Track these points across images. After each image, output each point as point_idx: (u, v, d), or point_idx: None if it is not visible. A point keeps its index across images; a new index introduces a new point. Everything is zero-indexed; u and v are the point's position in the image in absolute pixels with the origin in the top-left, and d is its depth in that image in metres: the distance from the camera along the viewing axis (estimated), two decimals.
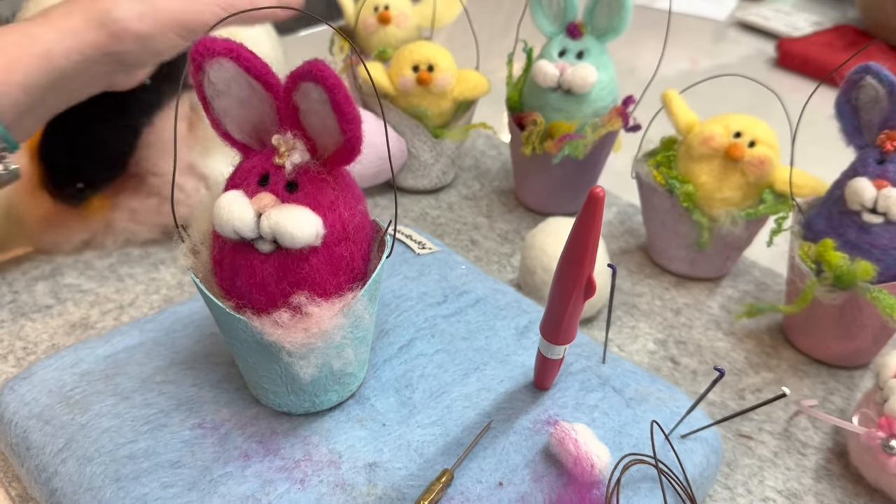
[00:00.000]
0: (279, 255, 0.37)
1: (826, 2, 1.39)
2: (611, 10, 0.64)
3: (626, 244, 0.70)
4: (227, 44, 0.35)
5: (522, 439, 0.43)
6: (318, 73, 0.34)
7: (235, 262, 0.38)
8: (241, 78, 0.36)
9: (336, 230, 0.37)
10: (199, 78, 0.36)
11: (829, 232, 0.55)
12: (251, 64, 0.36)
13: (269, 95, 0.37)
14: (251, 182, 0.37)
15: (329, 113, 0.35)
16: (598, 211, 0.35)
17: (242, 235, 0.36)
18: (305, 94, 0.35)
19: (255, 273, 0.37)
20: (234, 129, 0.39)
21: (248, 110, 0.38)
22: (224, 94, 0.37)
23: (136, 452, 0.40)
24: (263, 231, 0.36)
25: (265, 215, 0.36)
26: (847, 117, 0.55)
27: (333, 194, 0.38)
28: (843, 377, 0.58)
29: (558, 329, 0.41)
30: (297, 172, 0.37)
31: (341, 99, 0.34)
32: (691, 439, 0.45)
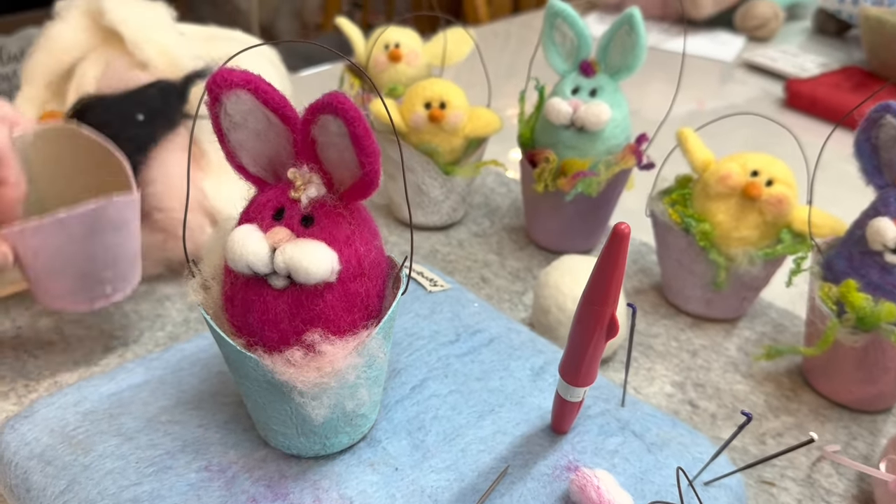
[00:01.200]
0: (293, 292, 0.36)
1: (832, 43, 1.39)
2: (624, 48, 0.64)
3: (640, 284, 0.69)
4: (246, 75, 0.35)
5: (541, 486, 0.41)
6: (338, 106, 0.33)
7: (248, 298, 0.37)
8: (258, 111, 0.36)
9: (352, 266, 0.36)
10: (215, 110, 0.36)
11: (850, 272, 0.54)
12: (269, 97, 0.35)
13: (286, 128, 0.36)
14: (266, 216, 0.36)
15: (347, 146, 0.34)
16: (624, 247, 0.34)
17: (256, 270, 0.35)
18: (324, 126, 0.34)
19: (267, 309, 0.36)
20: (248, 162, 0.38)
21: (263, 143, 0.37)
22: (240, 126, 0.36)
23: (140, 496, 0.39)
24: (278, 266, 0.35)
25: (280, 250, 0.35)
26: (867, 156, 0.54)
27: (350, 229, 0.37)
28: (865, 422, 0.56)
29: (579, 370, 0.40)
30: (312, 206, 0.36)
31: (361, 132, 0.33)
32: (715, 486, 0.43)
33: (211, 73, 0.36)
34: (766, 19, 1.38)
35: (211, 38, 0.80)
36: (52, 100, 0.74)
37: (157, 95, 0.62)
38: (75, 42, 0.73)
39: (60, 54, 0.73)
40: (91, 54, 0.73)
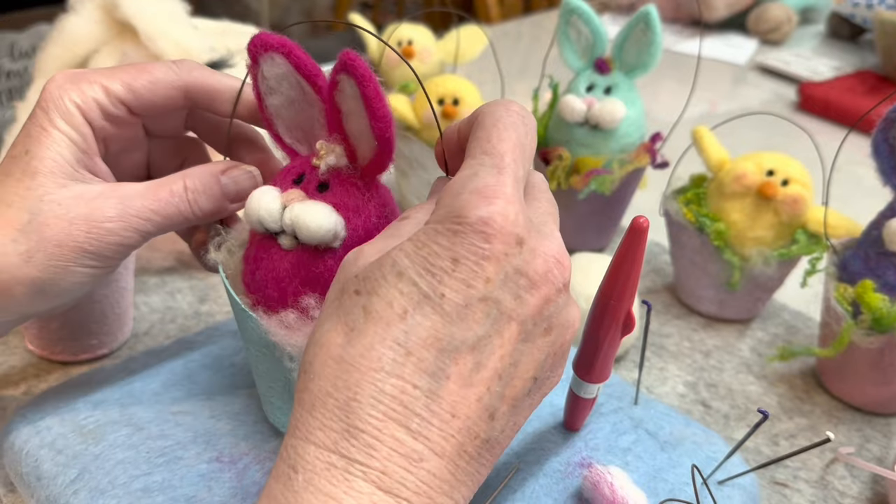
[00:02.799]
0: (298, 252, 0.36)
1: (846, 47, 1.39)
2: (640, 46, 0.63)
3: (653, 283, 0.69)
4: (282, 40, 0.36)
5: (553, 482, 0.41)
6: (349, 63, 0.33)
7: (258, 255, 0.38)
8: (291, 76, 0.37)
9: (358, 235, 0.37)
10: (255, 72, 0.37)
11: (866, 273, 0.53)
12: (301, 62, 0.36)
13: (318, 98, 0.37)
14: (287, 181, 0.38)
15: (362, 111, 0.34)
16: (641, 242, 0.34)
17: (266, 226, 0.36)
18: (343, 91, 0.35)
19: (273, 266, 0.37)
20: (283, 131, 0.39)
21: (297, 112, 0.38)
22: (275, 91, 0.37)
23: (150, 485, 0.39)
24: (285, 223, 0.36)
25: (289, 208, 0.36)
26: (884, 157, 0.54)
27: (361, 200, 0.37)
28: (879, 424, 0.56)
29: (593, 367, 0.39)
30: (329, 174, 0.37)
31: (371, 92, 0.33)
32: (728, 485, 0.43)
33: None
34: (779, 22, 1.38)
35: (224, 32, 0.80)
36: None
37: None
38: (89, 35, 0.73)
39: (74, 47, 0.73)
40: (105, 47, 0.73)
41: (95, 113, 0.38)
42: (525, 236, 0.30)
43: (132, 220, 0.37)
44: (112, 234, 0.37)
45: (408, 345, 0.28)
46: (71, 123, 0.38)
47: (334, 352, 0.29)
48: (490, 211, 0.29)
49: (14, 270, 0.36)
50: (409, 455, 0.28)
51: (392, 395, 0.28)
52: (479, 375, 0.29)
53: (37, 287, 0.37)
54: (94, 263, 0.37)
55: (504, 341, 0.30)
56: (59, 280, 0.37)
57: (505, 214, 0.29)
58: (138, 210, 0.38)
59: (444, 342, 0.29)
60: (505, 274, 0.29)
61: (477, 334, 0.29)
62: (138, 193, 0.38)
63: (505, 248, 0.29)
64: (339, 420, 0.28)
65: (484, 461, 0.30)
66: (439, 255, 0.29)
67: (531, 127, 0.34)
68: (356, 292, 0.30)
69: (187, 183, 0.39)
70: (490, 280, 0.29)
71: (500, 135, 0.32)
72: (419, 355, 0.28)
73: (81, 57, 0.73)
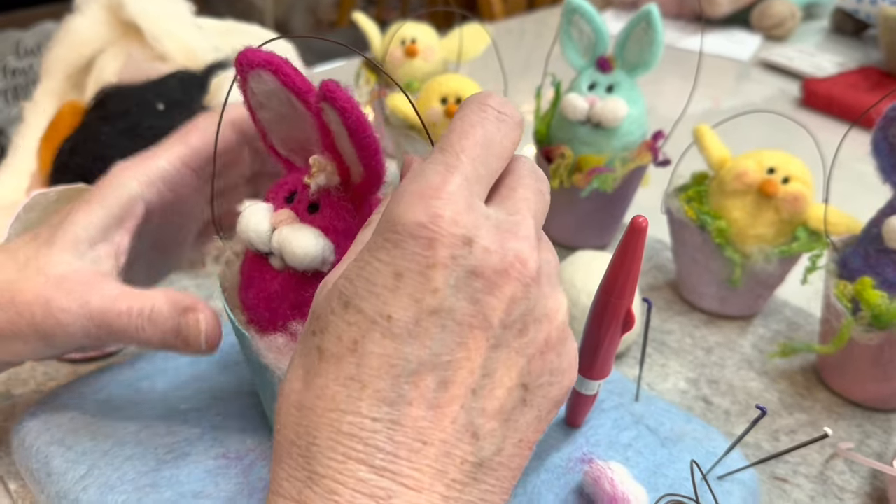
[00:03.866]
0: (288, 274, 0.36)
1: (850, 43, 1.39)
2: (642, 45, 0.64)
3: (655, 280, 0.69)
4: (269, 56, 0.35)
5: (554, 477, 0.42)
6: (329, 96, 0.32)
7: (251, 273, 0.38)
8: (280, 93, 0.36)
9: None
10: (244, 87, 0.36)
11: (866, 270, 0.53)
12: (290, 79, 0.35)
13: (310, 114, 0.36)
14: (280, 198, 0.37)
15: (345, 137, 0.34)
16: (641, 240, 0.34)
17: (257, 248, 0.36)
18: (327, 116, 0.34)
19: (264, 286, 0.37)
20: (278, 143, 0.38)
21: (290, 126, 0.37)
22: (265, 106, 0.37)
23: (158, 481, 0.39)
24: (273, 246, 0.36)
25: (277, 230, 0.36)
26: (884, 155, 0.54)
27: (351, 222, 0.36)
28: (879, 420, 0.56)
29: (594, 363, 0.40)
30: (319, 194, 0.36)
31: (353, 123, 0.32)
32: (728, 481, 0.43)
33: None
34: (782, 18, 1.38)
35: (228, 32, 0.81)
36: (72, 92, 0.75)
37: (178, 86, 0.63)
38: (95, 35, 0.74)
39: (80, 47, 0.74)
40: (110, 48, 0.74)
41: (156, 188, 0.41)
42: (474, 235, 0.27)
43: (82, 320, 0.38)
44: (61, 326, 0.38)
45: (361, 378, 0.27)
46: (118, 197, 0.40)
47: (294, 398, 0.28)
48: (428, 213, 0.27)
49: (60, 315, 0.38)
50: (375, 494, 0.26)
51: (349, 434, 0.26)
52: (446, 395, 0.27)
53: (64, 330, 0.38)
54: (43, 341, 0.38)
55: (470, 353, 0.27)
56: (11, 342, 0.38)
57: (444, 215, 0.27)
58: (92, 313, 0.38)
59: (398, 367, 0.27)
60: (455, 279, 0.27)
61: (434, 351, 0.27)
62: (103, 298, 0.38)
63: (451, 252, 0.27)
64: (302, 468, 0.27)
65: (488, 486, 0.28)
66: (381, 271, 0.27)
67: (510, 123, 0.31)
68: (312, 332, 0.28)
69: (145, 309, 0.38)
70: (438, 290, 0.27)
71: (463, 131, 0.30)
72: (374, 386, 0.27)
73: (87, 57, 0.74)
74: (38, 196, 0.49)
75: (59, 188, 0.49)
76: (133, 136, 0.59)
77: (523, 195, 0.31)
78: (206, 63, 0.68)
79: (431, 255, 0.27)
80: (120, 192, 0.40)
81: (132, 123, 0.59)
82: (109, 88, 0.63)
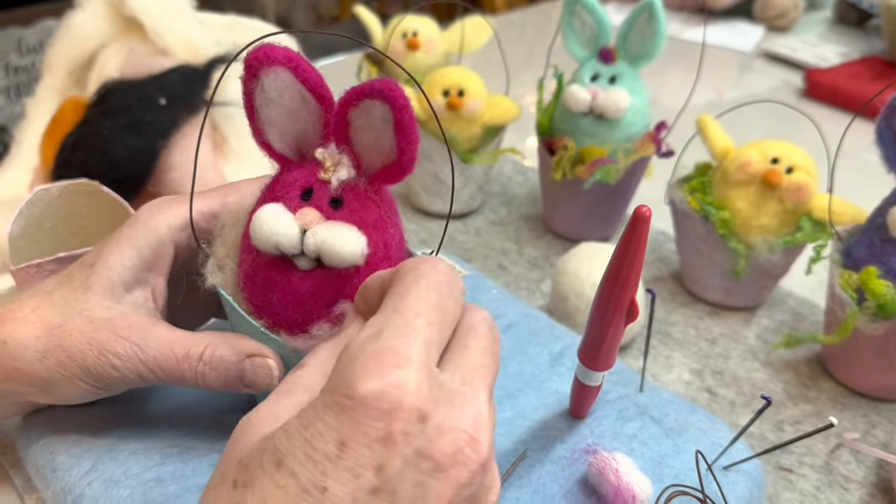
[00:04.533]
0: (320, 273, 0.36)
1: (853, 33, 1.38)
2: (644, 36, 0.64)
3: (659, 272, 0.69)
4: (287, 53, 0.35)
5: (559, 469, 0.42)
6: (389, 93, 0.33)
7: (270, 278, 0.36)
8: (294, 88, 0.35)
9: (379, 249, 0.36)
10: (251, 85, 0.35)
11: (871, 260, 0.53)
12: (308, 75, 0.35)
13: (320, 108, 0.36)
14: (293, 196, 0.36)
15: (388, 131, 0.34)
16: (644, 230, 0.34)
17: (284, 252, 0.35)
18: (367, 110, 0.34)
19: (292, 290, 0.36)
20: (275, 138, 0.37)
21: (294, 121, 0.37)
22: (275, 103, 0.36)
23: (163, 475, 0.39)
24: (307, 248, 0.35)
25: (310, 231, 0.35)
26: (888, 144, 0.54)
27: (378, 213, 0.36)
28: (885, 410, 0.56)
29: (598, 354, 0.40)
30: (342, 189, 0.36)
31: (408, 119, 0.33)
32: (733, 471, 0.43)
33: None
34: (785, 9, 1.37)
35: (230, 27, 0.81)
36: (74, 88, 0.75)
37: (180, 80, 0.63)
38: (96, 30, 0.74)
39: (81, 43, 0.74)
40: (112, 43, 0.73)
41: (186, 232, 0.40)
42: (430, 410, 0.25)
43: (138, 366, 0.38)
44: (115, 369, 0.38)
45: None
46: (150, 241, 0.39)
47: None
48: (386, 383, 0.25)
49: (26, 364, 0.38)
50: None
51: None
52: None
53: (40, 385, 0.38)
54: (95, 384, 0.38)
55: None
56: (60, 387, 0.38)
57: (403, 386, 0.25)
58: (147, 359, 0.38)
59: None
60: (403, 459, 0.25)
61: None
62: (158, 342, 0.38)
63: (404, 427, 0.25)
64: None
65: None
66: (324, 436, 0.24)
67: (458, 290, 0.30)
68: (233, 484, 0.26)
69: (205, 354, 0.38)
70: (383, 468, 0.24)
71: (419, 293, 0.28)
72: None
73: (89, 53, 0.74)
74: (40, 192, 0.49)
75: (61, 184, 0.49)
76: (135, 131, 0.59)
77: (479, 361, 0.29)
78: (208, 57, 0.68)
79: (383, 428, 0.24)
80: (150, 234, 0.39)
81: (134, 118, 0.59)
82: (111, 83, 0.63)
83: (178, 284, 0.42)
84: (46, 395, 0.39)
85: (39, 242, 0.50)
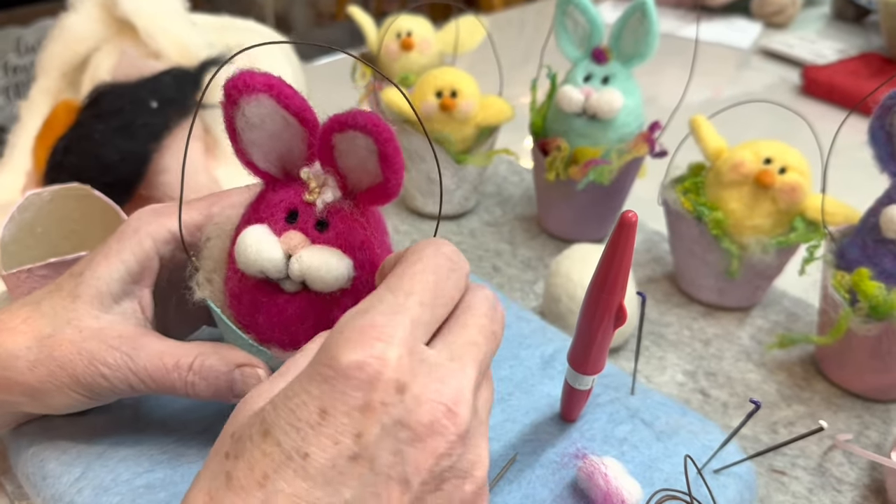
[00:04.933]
0: (306, 296, 0.36)
1: (850, 29, 1.38)
2: (637, 36, 0.63)
3: (653, 272, 0.69)
4: (268, 79, 0.34)
5: (549, 473, 0.41)
6: (372, 128, 0.32)
7: (257, 299, 0.36)
8: (276, 114, 0.35)
9: (366, 271, 0.36)
10: (231, 112, 0.35)
11: (864, 261, 0.53)
12: (290, 101, 0.34)
13: (304, 130, 0.35)
14: (278, 218, 0.36)
15: (372, 159, 0.34)
16: (630, 236, 0.34)
17: (269, 276, 0.35)
18: (351, 139, 0.34)
19: (278, 311, 0.36)
20: (259, 158, 0.37)
21: (277, 142, 0.36)
22: (257, 127, 0.35)
23: (153, 482, 0.39)
24: (292, 273, 0.35)
25: (295, 257, 0.35)
26: (881, 143, 0.53)
27: (364, 234, 0.36)
28: (878, 411, 0.56)
29: (587, 358, 0.40)
30: (327, 211, 0.36)
31: (391, 151, 0.33)
32: (724, 474, 0.43)
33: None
34: (782, 6, 1.37)
35: (223, 28, 0.81)
36: (67, 90, 0.75)
37: (172, 83, 0.63)
38: (90, 33, 0.74)
39: (75, 45, 0.74)
40: (105, 45, 0.73)
41: (170, 245, 0.40)
42: (408, 381, 0.26)
43: (128, 375, 0.38)
44: (105, 379, 0.38)
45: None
46: (137, 255, 0.39)
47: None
48: (367, 354, 0.26)
49: (17, 374, 0.38)
50: None
51: None
52: None
53: (31, 395, 0.38)
54: (85, 394, 0.38)
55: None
56: (51, 396, 0.38)
57: (383, 358, 0.26)
58: (137, 369, 0.38)
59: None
60: (381, 427, 0.26)
61: (346, 499, 0.25)
62: (148, 353, 0.38)
63: (382, 397, 0.26)
64: None
65: None
66: (307, 405, 0.26)
67: (461, 272, 0.31)
68: (226, 455, 0.27)
69: (195, 365, 0.38)
70: (362, 435, 0.26)
71: (415, 275, 0.29)
72: None
73: (82, 55, 0.74)
74: (31, 196, 0.49)
75: (53, 188, 0.49)
76: (127, 135, 0.59)
77: (472, 339, 0.30)
78: (201, 60, 0.68)
79: (362, 398, 0.26)
80: (136, 248, 0.39)
81: (126, 121, 0.59)
82: (103, 86, 0.63)
83: (170, 295, 0.42)
84: (38, 405, 0.39)
85: (31, 247, 0.50)
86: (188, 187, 0.62)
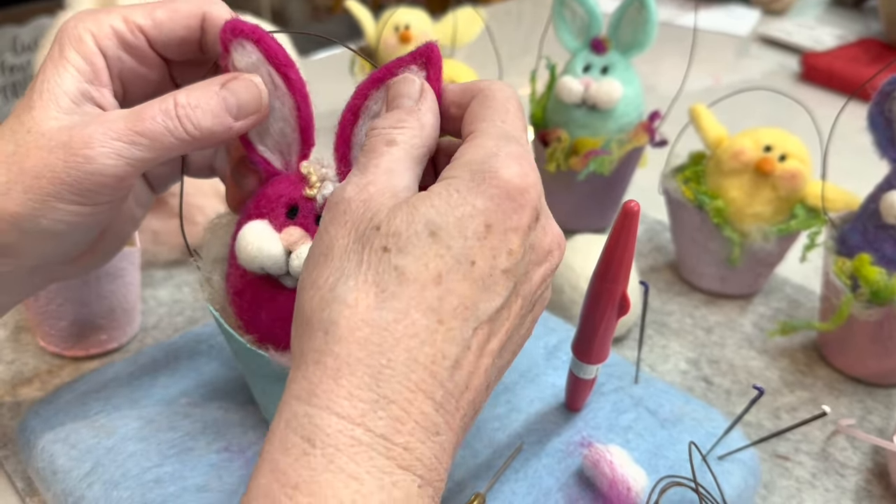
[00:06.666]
0: None
1: (849, 15, 1.38)
2: (636, 25, 0.64)
3: (655, 261, 0.69)
4: (253, 27, 0.34)
5: (555, 462, 0.42)
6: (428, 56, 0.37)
7: (258, 296, 0.36)
8: (262, 67, 0.35)
9: None
10: (226, 62, 0.35)
11: (864, 246, 0.53)
12: (272, 50, 0.35)
13: (289, 93, 0.35)
14: (278, 213, 0.36)
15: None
16: (633, 225, 0.34)
17: (269, 272, 0.35)
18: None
19: (280, 307, 0.36)
20: (256, 138, 0.37)
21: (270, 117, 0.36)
22: None
23: (162, 476, 0.40)
24: (293, 269, 0.35)
25: (295, 253, 0.35)
26: (880, 129, 0.54)
27: None
28: (880, 396, 0.56)
29: (591, 348, 0.40)
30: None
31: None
32: (728, 461, 0.44)
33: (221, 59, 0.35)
34: None
35: None
36: None
37: None
38: None
39: None
40: None
41: (111, 41, 0.36)
42: (541, 212, 0.30)
43: (113, 145, 0.33)
44: (90, 161, 0.33)
45: (440, 312, 0.27)
46: (81, 52, 0.35)
47: (363, 314, 0.27)
48: (526, 181, 0.29)
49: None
50: (429, 429, 0.27)
51: (424, 365, 0.27)
52: (489, 347, 0.29)
53: (15, 223, 0.34)
54: (74, 198, 0.34)
55: (511, 314, 0.29)
56: (37, 215, 0.34)
57: (537, 188, 0.29)
58: (120, 133, 0.33)
59: (469, 311, 0.28)
60: (524, 248, 0.29)
61: (495, 306, 0.28)
62: (122, 115, 0.34)
63: (529, 222, 0.29)
64: (370, 389, 0.26)
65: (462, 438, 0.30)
66: (473, 217, 0.28)
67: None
68: (384, 248, 0.28)
69: (178, 98, 0.34)
70: (513, 252, 0.29)
71: (517, 114, 0.33)
72: (449, 324, 0.27)
73: None
74: None
75: None
76: None
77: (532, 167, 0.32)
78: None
79: (517, 220, 0.29)
80: (78, 45, 0.35)
81: None
82: None
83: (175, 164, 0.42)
84: (27, 237, 0.35)
85: None
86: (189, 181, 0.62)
